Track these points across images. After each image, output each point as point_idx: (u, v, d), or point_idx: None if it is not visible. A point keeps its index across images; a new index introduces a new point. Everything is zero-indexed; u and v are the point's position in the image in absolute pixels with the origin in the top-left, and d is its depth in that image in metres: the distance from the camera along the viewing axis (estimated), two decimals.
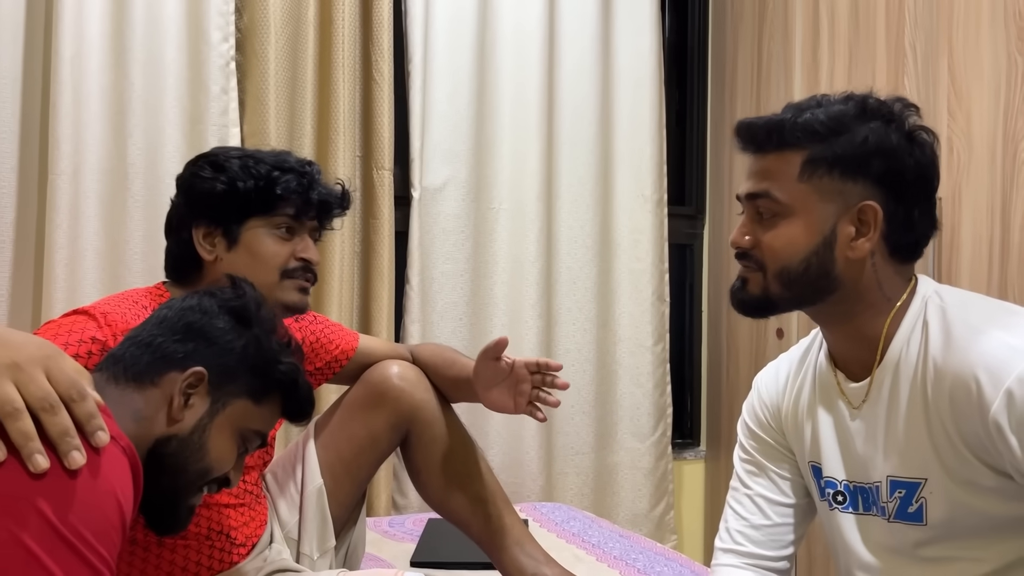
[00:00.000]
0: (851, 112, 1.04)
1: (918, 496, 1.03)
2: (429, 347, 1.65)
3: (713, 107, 2.88)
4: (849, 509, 1.11)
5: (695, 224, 2.92)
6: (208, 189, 1.32)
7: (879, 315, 1.06)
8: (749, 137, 1.09)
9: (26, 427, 0.76)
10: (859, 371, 1.09)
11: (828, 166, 1.03)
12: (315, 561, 1.44)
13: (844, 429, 1.10)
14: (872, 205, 1.03)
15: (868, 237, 1.03)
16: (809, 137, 1.04)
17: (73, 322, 1.20)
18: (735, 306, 1.11)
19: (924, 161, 1.05)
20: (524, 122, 2.50)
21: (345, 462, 1.49)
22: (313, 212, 1.37)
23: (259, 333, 1.06)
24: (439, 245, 2.44)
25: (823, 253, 1.04)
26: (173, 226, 1.37)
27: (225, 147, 1.41)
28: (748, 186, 1.08)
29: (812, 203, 1.04)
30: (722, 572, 1.15)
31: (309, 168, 1.37)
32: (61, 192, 2.01)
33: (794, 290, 1.06)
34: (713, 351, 2.87)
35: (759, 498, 1.17)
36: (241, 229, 1.32)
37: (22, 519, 0.74)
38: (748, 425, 1.22)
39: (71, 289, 2.02)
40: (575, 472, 2.59)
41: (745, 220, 1.09)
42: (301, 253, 1.36)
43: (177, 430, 0.97)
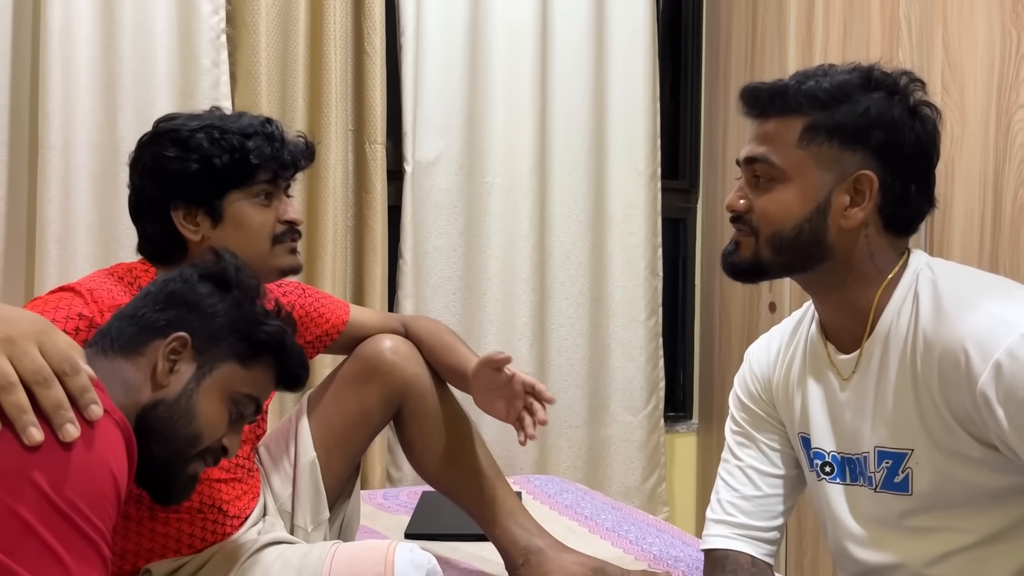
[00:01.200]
0: (855, 82, 1.04)
1: (904, 466, 1.04)
2: (425, 323, 1.63)
3: (707, 81, 2.87)
4: (837, 480, 1.12)
5: (689, 198, 2.92)
6: (181, 170, 1.28)
7: (870, 286, 1.06)
8: (752, 101, 1.09)
9: (20, 400, 0.77)
10: (849, 343, 1.10)
11: (828, 134, 1.03)
12: (309, 533, 1.45)
13: (834, 400, 1.11)
14: (868, 175, 1.03)
15: (862, 207, 1.04)
16: (811, 103, 1.04)
17: (60, 299, 1.20)
18: (726, 269, 1.12)
19: (925, 137, 1.05)
20: (517, 96, 2.49)
21: (338, 436, 1.50)
22: (289, 173, 1.37)
23: (240, 296, 1.06)
24: (432, 219, 2.43)
25: (816, 220, 1.04)
26: (144, 211, 1.33)
27: (173, 117, 1.35)
28: (747, 150, 1.09)
29: (809, 169, 1.04)
30: (713, 542, 1.17)
31: (274, 128, 1.35)
32: (52, 166, 2.00)
33: (785, 256, 1.06)
34: (706, 325, 2.88)
35: (750, 469, 1.19)
36: (223, 205, 1.31)
37: (17, 491, 0.75)
38: (739, 397, 1.23)
39: (63, 264, 2.01)
40: (568, 445, 2.61)
41: (742, 184, 1.10)
42: (285, 216, 1.36)
43: (164, 395, 0.98)
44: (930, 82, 1.98)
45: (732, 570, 1.13)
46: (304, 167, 1.40)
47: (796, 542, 2.41)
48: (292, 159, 1.36)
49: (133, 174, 1.35)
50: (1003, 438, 0.95)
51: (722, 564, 1.14)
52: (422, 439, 1.53)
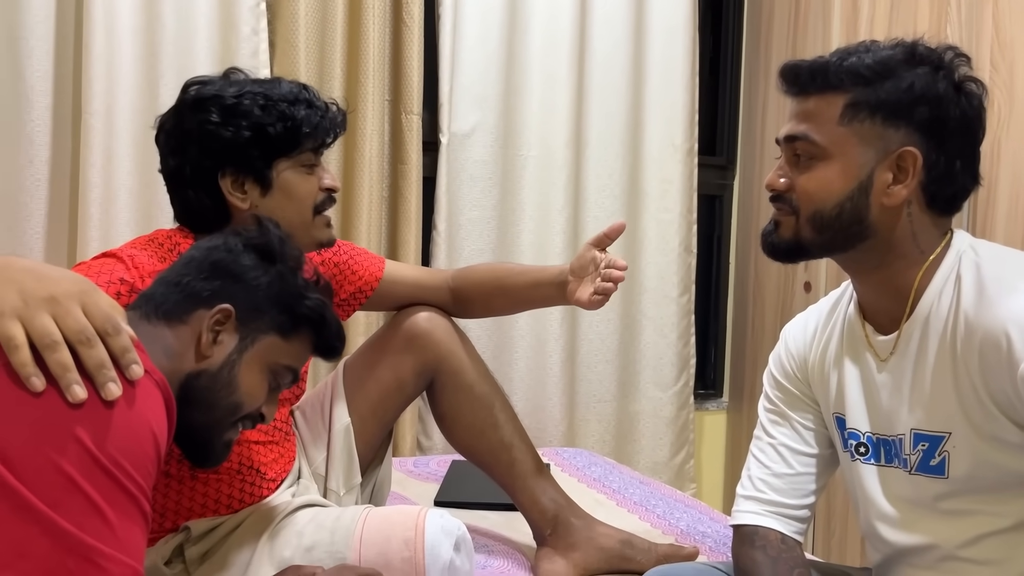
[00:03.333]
0: (899, 57, 1.02)
1: (941, 449, 1.03)
2: (481, 267, 1.65)
3: (748, 56, 2.82)
4: (871, 460, 1.11)
5: (725, 175, 2.89)
6: (233, 138, 1.28)
7: (911, 267, 1.05)
8: (793, 78, 1.07)
9: (64, 359, 0.79)
10: (888, 324, 1.09)
11: (871, 110, 1.01)
12: (341, 497, 1.47)
13: (870, 381, 1.10)
14: (912, 151, 1.01)
15: (905, 184, 1.02)
16: (853, 80, 1.02)
17: (102, 264, 1.23)
18: (765, 249, 1.11)
19: (970, 113, 1.03)
20: (555, 68, 2.47)
21: (372, 403, 1.51)
22: (331, 141, 1.38)
23: (284, 269, 1.07)
24: (466, 191, 2.44)
25: (858, 198, 1.03)
26: (188, 179, 1.32)
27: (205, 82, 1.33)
28: (787, 128, 1.07)
29: (851, 147, 1.02)
30: (742, 518, 1.17)
31: (312, 95, 1.35)
32: (95, 131, 2.03)
33: (826, 235, 1.05)
34: (739, 304, 2.86)
35: (782, 447, 1.18)
36: (272, 173, 1.32)
37: (61, 447, 0.77)
38: (774, 375, 1.23)
39: (105, 228, 2.05)
40: (597, 419, 2.62)
41: (782, 163, 1.08)
42: (324, 183, 1.37)
43: (207, 366, 1.00)
44: (978, 60, 1.94)
45: (761, 546, 1.13)
46: (340, 134, 1.41)
47: (825, 523, 2.41)
48: (333, 126, 1.37)
49: (172, 140, 1.33)
50: None
51: (751, 539, 1.14)
52: (453, 411, 1.54)
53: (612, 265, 1.43)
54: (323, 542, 1.28)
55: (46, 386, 0.78)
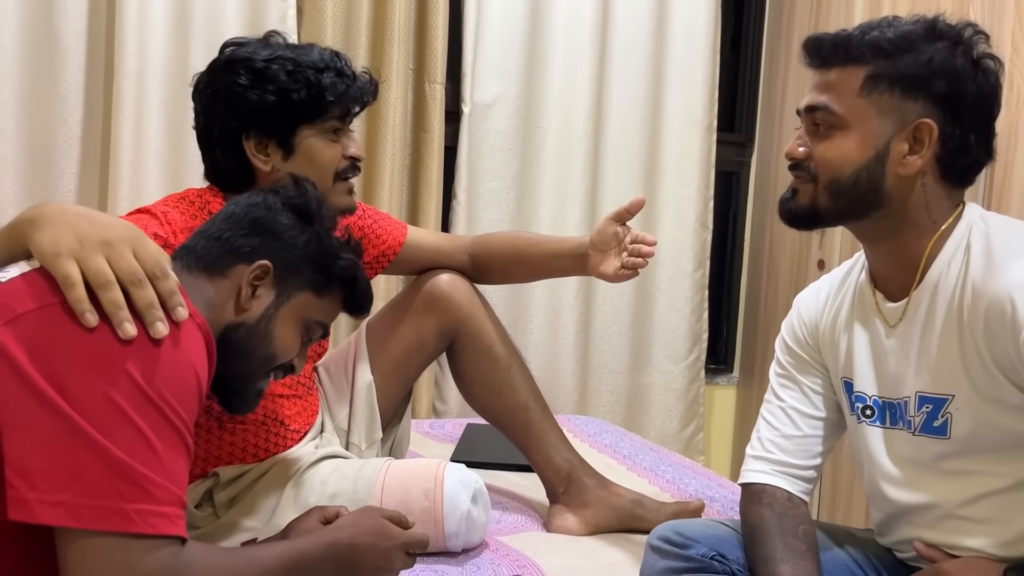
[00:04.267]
0: (919, 32, 1.05)
1: (944, 411, 1.07)
2: (499, 234, 1.70)
3: (770, 33, 2.83)
4: (877, 423, 1.15)
5: (743, 152, 2.91)
6: (258, 101, 1.31)
7: (923, 236, 1.08)
8: (815, 50, 1.11)
9: (117, 297, 0.84)
10: (898, 291, 1.12)
11: (890, 82, 1.05)
12: (363, 451, 1.53)
13: (879, 347, 1.14)
14: (928, 123, 1.04)
15: (920, 155, 1.05)
16: (874, 53, 1.05)
17: (137, 219, 1.27)
18: (782, 215, 1.14)
19: (987, 88, 1.06)
20: (577, 41, 2.49)
21: (394, 361, 1.56)
22: (358, 110, 1.40)
23: (320, 230, 1.12)
24: (487, 161, 2.47)
25: (874, 167, 1.06)
26: (215, 137, 1.36)
27: (243, 43, 1.36)
28: (808, 99, 1.11)
29: (869, 118, 1.06)
30: (751, 476, 1.21)
31: (343, 64, 1.37)
32: (127, 92, 2.07)
33: (842, 202, 1.08)
34: (753, 280, 2.89)
35: (791, 410, 1.22)
36: (295, 138, 1.35)
37: (113, 379, 0.82)
38: (786, 341, 1.27)
39: (135, 188, 2.10)
40: (609, 390, 2.67)
41: (802, 132, 1.12)
42: (348, 151, 1.40)
43: (245, 318, 1.04)
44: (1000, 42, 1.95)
45: (768, 503, 1.17)
46: (369, 103, 1.44)
47: (831, 487, 2.45)
48: (361, 95, 1.40)
49: (203, 99, 1.37)
50: None
51: (759, 497, 1.18)
52: (472, 371, 1.59)
53: (642, 240, 1.47)
54: (346, 490, 1.34)
55: (99, 323, 0.83)
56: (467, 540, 1.37)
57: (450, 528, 1.34)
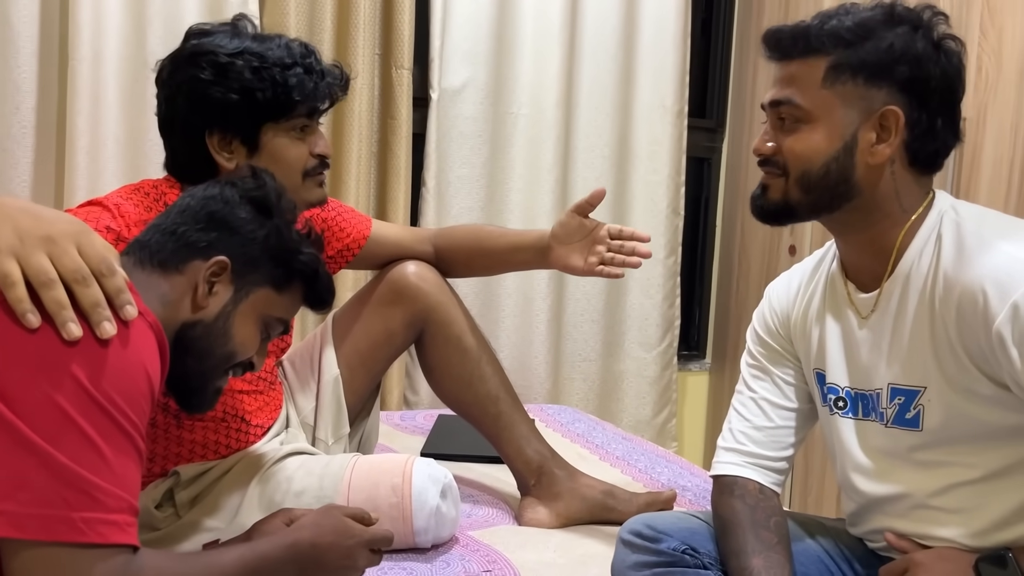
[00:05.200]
0: (878, 18, 1.04)
1: (916, 403, 1.06)
2: (462, 227, 1.68)
3: (740, 18, 2.81)
4: (849, 414, 1.15)
5: (714, 138, 2.89)
6: (221, 99, 1.26)
7: (895, 226, 1.07)
8: (775, 44, 1.09)
9: (60, 296, 0.80)
10: (869, 282, 1.11)
11: (852, 72, 1.04)
12: (330, 446, 1.50)
13: (851, 338, 1.13)
14: (894, 110, 1.03)
15: (888, 143, 1.04)
16: (834, 43, 1.04)
17: (88, 212, 1.22)
18: (755, 212, 1.13)
19: (950, 71, 1.05)
20: (546, 26, 2.46)
21: (361, 355, 1.53)
22: (326, 107, 1.36)
23: (280, 223, 1.08)
24: (456, 148, 2.43)
25: (843, 159, 1.05)
26: (176, 131, 1.31)
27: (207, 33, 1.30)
28: (771, 93, 1.09)
29: (834, 109, 1.05)
30: (722, 468, 1.20)
31: (312, 59, 1.32)
32: (82, 78, 2.01)
33: (813, 195, 1.07)
34: (724, 266, 2.89)
35: (763, 401, 1.21)
36: (260, 136, 1.31)
37: (57, 382, 0.78)
38: (757, 332, 1.25)
39: (93, 176, 2.04)
40: (582, 378, 2.65)
41: (768, 128, 1.11)
42: (316, 149, 1.36)
43: (202, 316, 1.01)
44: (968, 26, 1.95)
45: (740, 495, 1.16)
46: (339, 99, 1.40)
47: (803, 478, 2.46)
48: (329, 92, 1.35)
49: (166, 91, 1.32)
50: (1015, 378, 0.97)
51: (731, 489, 1.17)
52: (442, 363, 1.56)
53: (636, 238, 1.45)
54: (312, 487, 1.31)
55: (42, 323, 0.79)
56: (437, 536, 1.34)
57: (419, 524, 1.31)
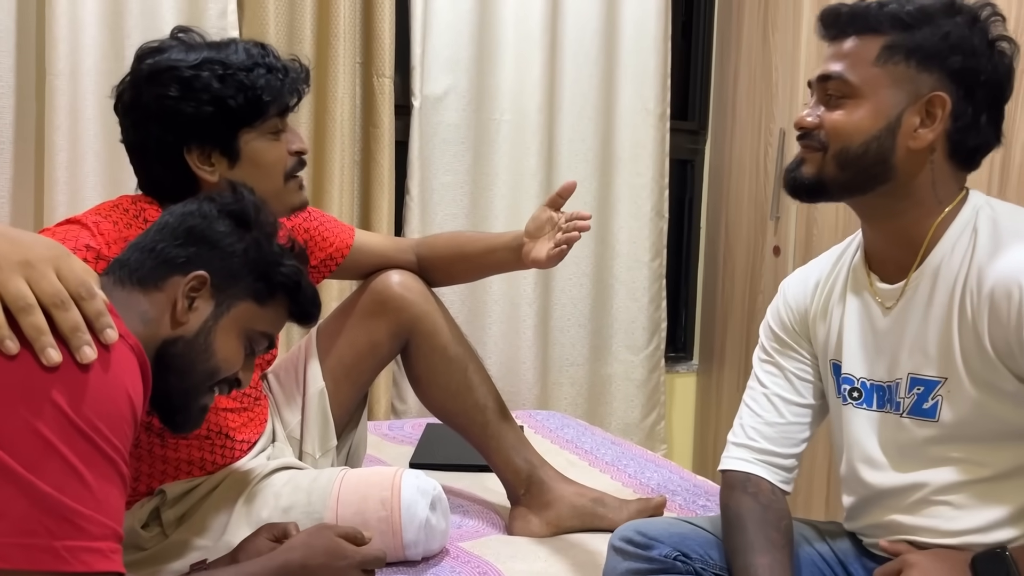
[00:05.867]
0: (938, 6, 1.05)
1: (935, 394, 1.06)
2: (442, 234, 1.67)
3: (720, 20, 2.82)
4: (863, 405, 1.14)
5: (697, 140, 2.90)
6: (194, 113, 1.25)
7: (927, 216, 1.07)
8: (832, 21, 1.10)
9: (39, 322, 0.79)
10: (894, 273, 1.11)
11: (906, 54, 1.04)
12: (317, 460, 1.49)
13: (872, 329, 1.13)
14: (942, 96, 1.04)
15: (932, 128, 1.05)
16: (892, 23, 1.05)
17: (67, 230, 1.21)
18: (787, 185, 1.12)
19: (1001, 69, 1.06)
20: (527, 31, 2.46)
21: (346, 366, 1.52)
22: (295, 104, 1.35)
23: (259, 236, 1.07)
24: (439, 155, 2.43)
25: (884, 138, 1.05)
26: (151, 152, 1.29)
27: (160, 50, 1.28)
28: (822, 68, 1.09)
29: (882, 88, 1.05)
30: (733, 464, 1.20)
31: (272, 58, 1.31)
32: (60, 93, 1.99)
33: (849, 172, 1.07)
34: (709, 267, 2.89)
35: (775, 397, 1.21)
36: (238, 144, 1.29)
37: (37, 409, 0.77)
38: (771, 327, 1.25)
39: (72, 191, 2.02)
40: (569, 382, 2.65)
41: (813, 102, 1.11)
42: (292, 147, 1.35)
43: (183, 332, 1.00)
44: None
45: (753, 492, 1.16)
46: (305, 93, 1.38)
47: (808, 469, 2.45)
48: (295, 87, 1.34)
49: (134, 115, 1.29)
50: None
51: (742, 485, 1.17)
52: (428, 373, 1.55)
53: (577, 216, 1.44)
54: (300, 503, 1.30)
55: (20, 349, 0.78)
56: (427, 548, 1.34)
57: (409, 537, 1.31)
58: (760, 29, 2.60)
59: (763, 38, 2.59)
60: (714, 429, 2.81)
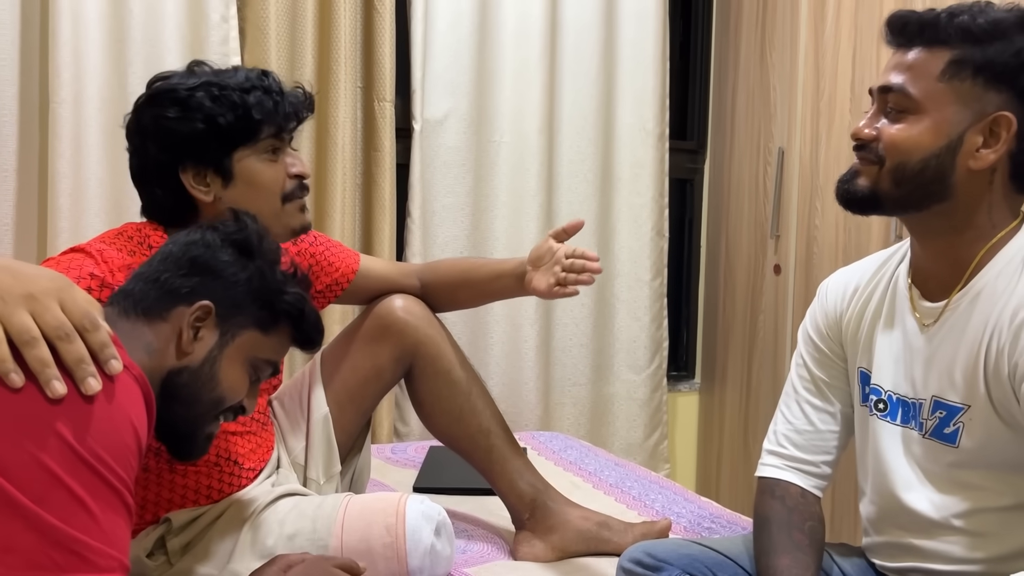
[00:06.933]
0: (1011, 20, 1.00)
1: (957, 420, 1.04)
2: (445, 260, 1.68)
3: (717, 40, 2.84)
4: (887, 418, 1.12)
5: (696, 159, 2.91)
6: (187, 131, 1.27)
7: (979, 240, 1.04)
8: (900, 28, 1.05)
9: (43, 355, 0.79)
10: (937, 291, 1.08)
11: (974, 70, 0.99)
12: (321, 486, 1.48)
13: (907, 344, 1.11)
14: (1008, 116, 0.99)
15: (994, 149, 1.00)
16: (962, 36, 1.00)
17: (71, 259, 1.22)
18: (839, 196, 1.09)
19: None
20: (526, 54, 2.48)
21: (350, 392, 1.52)
22: (292, 125, 1.36)
23: (263, 265, 1.08)
24: (440, 178, 2.44)
25: (944, 157, 1.01)
26: (150, 174, 1.31)
27: (167, 76, 1.32)
28: (883, 78, 1.05)
29: (946, 104, 1.00)
30: (764, 471, 1.20)
31: (271, 81, 1.33)
32: (63, 120, 2.00)
33: (904, 189, 1.03)
34: (710, 286, 2.90)
35: (806, 404, 1.20)
36: (232, 163, 1.31)
37: (42, 442, 0.77)
38: (808, 332, 1.23)
39: (75, 218, 2.03)
40: (572, 402, 2.65)
41: (872, 113, 1.07)
42: (292, 170, 1.36)
43: (188, 362, 1.00)
44: None
45: (780, 496, 1.16)
46: (305, 118, 1.39)
47: None
48: (294, 110, 1.35)
49: (134, 138, 1.32)
50: None
51: (772, 490, 1.17)
52: (432, 397, 1.55)
53: (583, 256, 1.45)
54: (305, 530, 1.29)
55: (25, 382, 0.78)
56: (432, 574, 1.33)
57: (414, 563, 1.30)
58: (758, 49, 2.62)
59: (760, 57, 2.61)
60: (717, 448, 2.81)
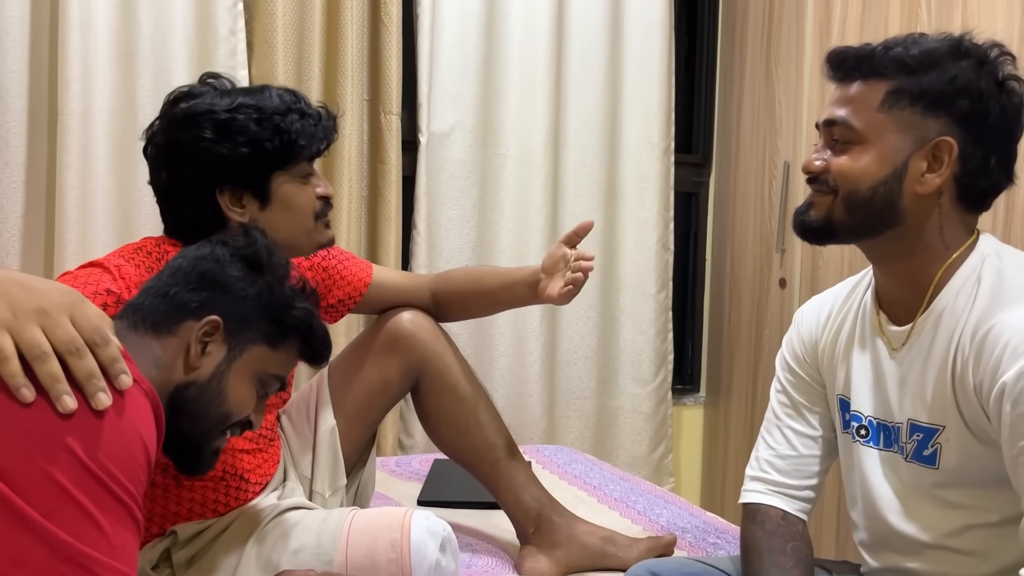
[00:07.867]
0: (944, 49, 1.04)
1: (934, 441, 1.06)
2: (458, 270, 1.69)
3: (723, 54, 2.85)
4: (870, 443, 1.14)
5: (701, 172, 2.92)
6: (230, 155, 1.27)
7: (934, 261, 1.06)
8: (839, 64, 1.09)
9: (54, 369, 0.80)
10: (903, 315, 1.10)
11: (912, 99, 1.03)
12: (327, 499, 1.48)
13: (878, 369, 1.13)
14: (948, 141, 1.03)
15: (939, 173, 1.04)
16: (897, 68, 1.04)
17: (88, 274, 1.22)
18: (796, 227, 1.12)
19: (1011, 110, 1.05)
20: (532, 67, 2.49)
21: (357, 405, 1.52)
22: (325, 149, 1.38)
23: (272, 280, 1.08)
24: (446, 190, 2.45)
25: (891, 183, 1.04)
26: (183, 194, 1.30)
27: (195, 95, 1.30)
28: (827, 112, 1.09)
29: (888, 133, 1.04)
30: (747, 496, 1.21)
31: (303, 104, 1.34)
32: (71, 133, 2.01)
33: (857, 216, 1.07)
34: (715, 299, 2.89)
35: (788, 430, 1.22)
36: (270, 187, 1.31)
37: (53, 456, 0.78)
38: (785, 359, 1.25)
39: (83, 230, 2.04)
40: (576, 416, 2.65)
41: (820, 146, 1.11)
42: (321, 191, 1.38)
43: (196, 376, 1.00)
44: None
45: (761, 522, 1.17)
46: (334, 141, 1.41)
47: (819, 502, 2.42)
48: (326, 134, 1.37)
49: (167, 156, 1.31)
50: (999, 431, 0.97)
51: (753, 516, 1.18)
52: (438, 411, 1.55)
53: (580, 257, 1.47)
54: (310, 544, 1.29)
55: (36, 397, 0.79)
56: None
57: None
58: (763, 63, 2.63)
59: (766, 72, 2.62)
60: (722, 461, 2.80)
